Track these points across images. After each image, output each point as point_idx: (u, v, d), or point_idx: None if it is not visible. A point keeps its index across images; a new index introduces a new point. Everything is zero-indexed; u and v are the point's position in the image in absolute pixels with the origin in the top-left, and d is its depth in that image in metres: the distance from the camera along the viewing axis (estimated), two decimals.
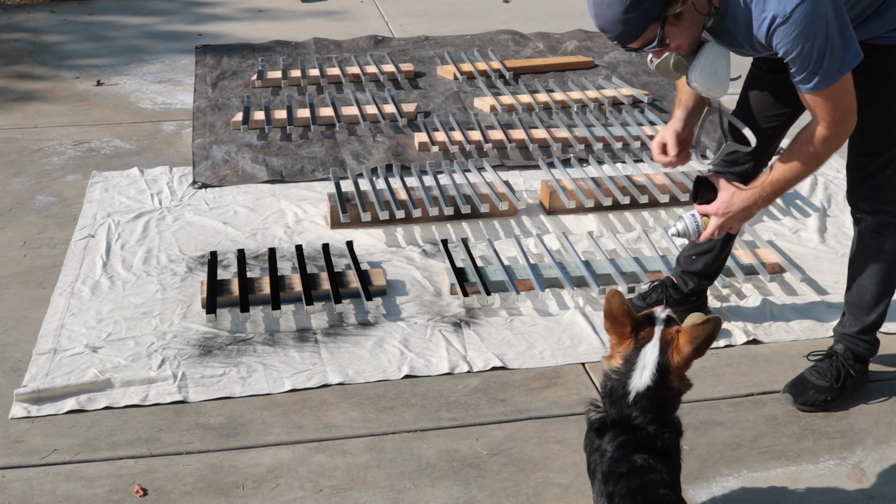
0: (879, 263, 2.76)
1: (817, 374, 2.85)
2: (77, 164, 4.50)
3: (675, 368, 2.06)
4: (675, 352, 2.06)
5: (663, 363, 2.05)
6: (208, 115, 5.07)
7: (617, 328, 2.10)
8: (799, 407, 2.82)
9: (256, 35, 6.55)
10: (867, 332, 2.86)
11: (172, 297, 3.39)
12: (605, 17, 2.35)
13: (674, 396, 2.09)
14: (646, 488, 1.95)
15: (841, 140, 2.49)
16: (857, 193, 2.72)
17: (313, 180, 4.35)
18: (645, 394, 2.04)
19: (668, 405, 2.07)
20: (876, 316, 2.83)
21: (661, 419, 2.05)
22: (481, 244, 3.78)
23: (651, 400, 2.04)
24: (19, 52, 6.18)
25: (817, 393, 2.82)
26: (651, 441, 2.03)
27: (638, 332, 2.09)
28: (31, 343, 3.12)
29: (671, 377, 2.06)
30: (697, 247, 3.10)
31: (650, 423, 2.03)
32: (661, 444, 2.03)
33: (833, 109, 2.43)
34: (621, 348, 2.10)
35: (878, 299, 2.81)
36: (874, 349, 2.89)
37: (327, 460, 2.63)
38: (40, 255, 3.69)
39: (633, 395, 2.05)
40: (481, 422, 2.79)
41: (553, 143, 4.62)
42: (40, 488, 2.52)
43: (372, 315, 3.30)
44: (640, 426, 2.04)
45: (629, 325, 2.09)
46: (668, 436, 2.05)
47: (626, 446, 2.02)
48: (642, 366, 2.06)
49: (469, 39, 6.43)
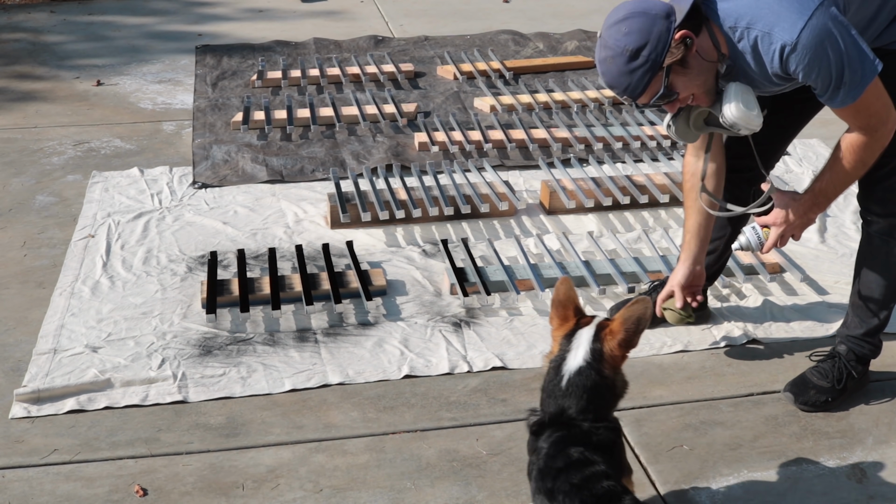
0: (888, 266, 2.76)
1: (819, 374, 2.85)
2: (77, 164, 4.50)
3: (609, 352, 2.07)
4: (608, 334, 2.08)
5: (597, 346, 2.08)
6: (208, 115, 5.07)
7: (560, 312, 2.15)
8: (800, 406, 2.82)
9: (256, 35, 6.55)
10: (872, 335, 2.86)
11: (172, 297, 3.39)
12: (610, 73, 2.40)
13: (608, 387, 2.09)
14: (589, 482, 1.95)
15: (884, 141, 2.49)
16: (869, 196, 2.72)
17: (313, 180, 4.35)
18: (577, 379, 2.06)
19: (601, 395, 2.08)
20: (882, 318, 2.84)
21: (596, 412, 2.06)
22: (481, 244, 3.78)
23: (584, 387, 2.05)
24: (19, 52, 6.18)
25: (818, 393, 2.82)
26: (586, 436, 2.04)
27: (579, 318, 2.15)
28: (31, 343, 3.12)
29: (605, 363, 2.07)
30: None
31: (584, 414, 2.05)
32: (597, 438, 2.04)
33: (867, 118, 2.44)
34: (560, 332, 2.14)
35: (885, 302, 2.81)
36: (877, 350, 2.89)
37: (327, 460, 2.63)
38: (40, 255, 3.69)
39: (566, 378, 2.07)
40: (481, 422, 2.79)
41: (553, 143, 4.62)
42: (40, 488, 2.52)
43: (372, 315, 3.30)
44: (574, 420, 2.05)
45: (572, 311, 2.15)
46: (603, 431, 2.05)
47: (560, 442, 2.04)
48: (577, 346, 2.09)
49: (469, 39, 6.43)
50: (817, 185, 2.60)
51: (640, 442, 2.70)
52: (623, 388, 2.14)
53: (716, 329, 3.21)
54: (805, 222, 2.67)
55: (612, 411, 2.13)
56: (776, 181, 4.16)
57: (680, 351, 3.12)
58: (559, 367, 2.09)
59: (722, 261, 3.14)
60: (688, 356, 3.10)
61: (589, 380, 2.07)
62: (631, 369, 3.00)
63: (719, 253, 3.09)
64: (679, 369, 3.03)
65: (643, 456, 2.65)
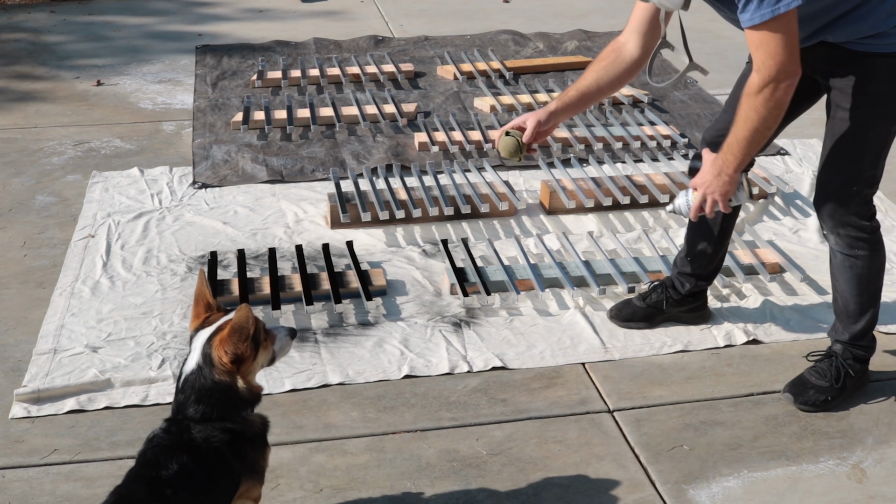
0: (856, 277, 2.76)
1: (817, 374, 2.85)
2: (77, 164, 4.50)
3: (216, 356, 2.03)
4: (218, 340, 2.03)
5: (207, 350, 2.04)
6: (208, 115, 5.07)
7: (194, 308, 2.13)
8: (799, 407, 2.82)
9: (256, 35, 6.55)
10: (859, 338, 2.86)
11: (172, 297, 3.39)
12: None
13: (225, 391, 2.04)
14: (133, 480, 1.95)
15: (777, 101, 2.43)
16: (823, 209, 2.71)
17: (313, 180, 4.35)
18: (191, 379, 2.04)
19: (216, 398, 2.04)
20: (864, 323, 2.83)
21: (212, 414, 2.03)
22: (481, 244, 3.78)
23: (197, 388, 2.03)
24: (19, 52, 6.18)
25: (817, 393, 2.82)
26: (186, 436, 2.01)
27: (209, 316, 2.11)
28: (31, 343, 3.12)
29: (214, 367, 2.03)
30: (691, 248, 3.10)
31: (198, 415, 2.02)
32: (204, 440, 2.00)
33: (766, 55, 2.39)
34: (192, 329, 2.11)
35: (862, 308, 2.81)
36: (871, 349, 2.89)
37: (327, 460, 2.63)
38: (40, 255, 3.69)
39: (183, 378, 2.05)
40: (481, 422, 2.79)
41: (553, 143, 4.62)
42: (40, 488, 2.52)
43: (372, 315, 3.30)
44: (186, 420, 2.03)
45: (203, 307, 2.12)
46: (217, 433, 2.02)
47: (151, 440, 2.04)
48: (194, 347, 2.06)
49: (469, 39, 6.43)
50: (727, 139, 2.57)
51: (640, 442, 2.70)
52: (251, 394, 2.08)
53: (716, 329, 3.21)
54: (720, 184, 2.60)
55: (238, 413, 2.07)
56: (777, 182, 4.16)
57: (680, 351, 3.12)
58: (182, 366, 2.07)
59: (717, 261, 3.13)
60: (688, 356, 3.10)
61: (200, 382, 2.03)
62: (631, 369, 3.02)
63: (711, 254, 3.09)
64: (679, 369, 3.03)
65: (643, 456, 2.65)
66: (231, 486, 2.05)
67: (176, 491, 1.93)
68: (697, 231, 3.06)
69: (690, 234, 3.10)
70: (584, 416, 2.81)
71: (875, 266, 2.76)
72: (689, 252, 3.12)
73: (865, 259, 2.73)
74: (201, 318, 2.11)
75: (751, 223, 3.95)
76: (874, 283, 2.79)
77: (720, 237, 3.05)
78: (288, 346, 2.19)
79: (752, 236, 3.79)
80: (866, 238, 2.71)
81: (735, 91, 2.82)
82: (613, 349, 3.12)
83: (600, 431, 2.74)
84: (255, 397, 2.10)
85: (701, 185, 2.65)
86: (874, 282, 2.79)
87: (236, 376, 2.04)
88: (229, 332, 2.01)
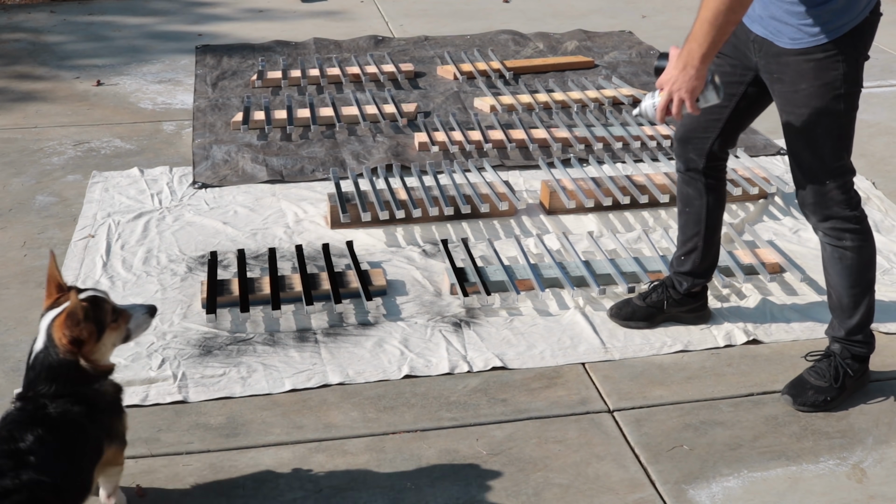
0: (848, 269, 2.76)
1: (816, 374, 2.85)
2: (77, 164, 4.50)
3: (56, 338, 2.11)
4: (56, 322, 2.12)
5: (49, 331, 2.13)
6: (208, 115, 5.07)
7: (48, 288, 2.21)
8: (798, 408, 2.82)
9: (256, 35, 6.55)
10: (855, 333, 2.85)
11: (172, 297, 3.39)
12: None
13: (70, 368, 2.12)
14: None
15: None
16: (805, 206, 2.73)
17: (313, 180, 4.35)
18: (39, 357, 2.12)
19: (63, 375, 2.12)
20: (859, 317, 2.83)
21: (63, 389, 2.11)
22: (481, 244, 3.78)
23: (44, 365, 2.11)
24: (19, 52, 6.18)
25: (816, 393, 2.82)
26: (40, 411, 2.08)
27: (59, 297, 2.19)
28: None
29: (58, 347, 2.11)
30: (684, 246, 3.10)
31: (48, 391, 2.09)
32: (59, 417, 2.07)
33: None
34: (43, 309, 2.19)
35: (857, 301, 2.81)
36: (870, 347, 2.89)
37: (327, 460, 2.63)
38: (40, 255, 3.69)
39: (33, 356, 2.13)
40: (481, 422, 2.79)
41: (553, 143, 4.62)
42: None
43: (372, 315, 3.30)
44: (37, 397, 2.10)
45: (54, 287, 2.20)
46: (67, 405, 2.10)
47: (6, 417, 2.09)
48: (41, 329, 2.15)
49: (469, 39, 6.43)
50: (692, 28, 2.47)
51: (640, 442, 2.70)
52: (96, 371, 2.17)
53: (716, 329, 3.21)
54: (687, 79, 2.47)
55: (90, 387, 2.16)
56: (777, 182, 4.16)
57: (680, 351, 3.12)
58: (33, 344, 2.15)
59: (710, 256, 3.12)
60: (688, 356, 3.10)
61: (48, 361, 2.12)
62: (631, 369, 3.02)
63: (702, 250, 3.09)
64: (679, 369, 3.03)
65: (643, 456, 2.65)
66: (93, 450, 2.14)
67: (38, 457, 2.00)
68: (686, 227, 3.07)
69: (680, 231, 3.11)
70: (584, 416, 2.81)
71: (865, 256, 2.76)
72: (681, 250, 3.12)
73: (854, 250, 2.74)
74: (52, 298, 2.20)
75: (751, 223, 3.95)
76: (866, 275, 2.79)
77: (709, 231, 3.05)
78: (146, 323, 2.29)
79: (752, 236, 3.79)
80: (853, 228, 2.72)
81: None
82: (613, 349, 3.12)
83: (600, 431, 2.74)
84: (103, 373, 2.19)
85: (666, 82, 2.51)
86: (865, 273, 2.78)
87: (78, 356, 2.13)
88: (64, 317, 2.10)
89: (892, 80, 5.78)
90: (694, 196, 3.01)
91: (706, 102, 2.55)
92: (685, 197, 3.03)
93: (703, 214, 3.02)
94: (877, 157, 4.65)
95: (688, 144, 2.93)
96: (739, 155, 4.47)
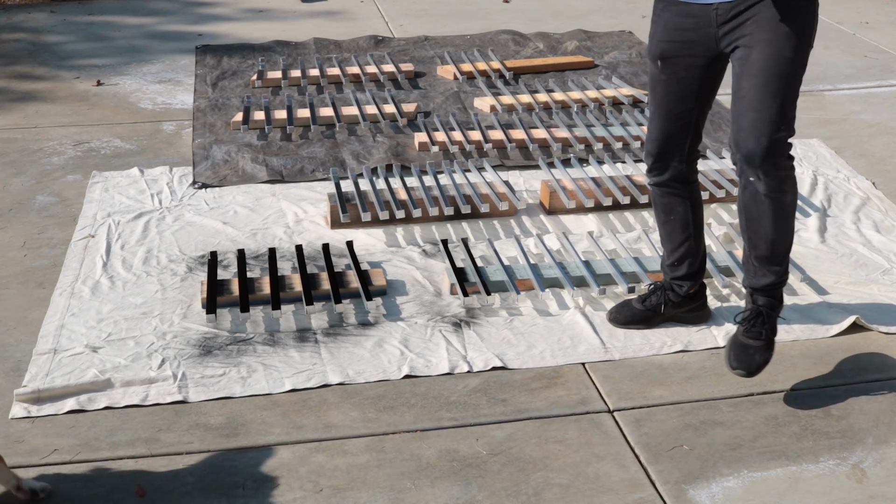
0: (785, 216, 2.78)
1: (753, 335, 2.86)
2: (77, 164, 4.50)
3: None
4: None
5: None
6: (208, 115, 5.07)
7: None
8: (754, 374, 2.83)
9: (256, 35, 6.56)
10: (783, 274, 2.88)
11: (172, 297, 3.39)
12: None
13: None
14: None
15: None
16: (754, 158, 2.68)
17: (313, 180, 4.35)
18: None
19: None
20: (786, 259, 2.87)
21: None
22: (481, 244, 3.78)
23: None
24: (19, 52, 6.18)
25: (761, 354, 2.84)
26: None
27: None
28: (31, 343, 3.12)
29: None
30: (675, 253, 3.11)
31: None
32: None
33: None
34: None
35: (787, 245, 2.84)
36: (786, 276, 2.91)
37: (327, 460, 2.63)
38: (40, 255, 3.69)
39: None
40: (481, 422, 2.79)
41: (553, 143, 4.62)
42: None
43: (372, 315, 3.30)
44: None
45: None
46: None
47: None
48: None
49: (469, 39, 6.43)
50: None
51: (640, 442, 2.70)
52: None
53: (716, 329, 3.21)
54: None
55: None
56: None
57: (680, 351, 3.12)
58: None
59: (702, 256, 3.13)
60: (688, 356, 3.10)
61: None
62: (631, 369, 3.02)
63: (694, 252, 3.10)
64: (679, 369, 3.03)
65: (643, 456, 2.65)
66: None
67: None
68: (673, 235, 3.08)
69: (666, 240, 3.11)
70: (584, 416, 2.81)
71: (795, 202, 2.81)
72: (672, 258, 3.12)
73: (790, 197, 2.77)
74: None
75: None
76: (793, 219, 2.83)
77: (697, 232, 3.07)
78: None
79: None
80: (790, 177, 2.75)
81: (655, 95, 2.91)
82: (613, 349, 3.12)
83: (600, 431, 2.74)
84: None
85: None
86: (793, 217, 2.82)
87: None
88: None
89: (892, 80, 5.78)
90: (676, 203, 3.03)
91: None
92: (666, 206, 3.05)
93: (690, 218, 3.03)
94: (877, 157, 4.65)
95: (667, 156, 2.96)
96: None
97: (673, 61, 2.82)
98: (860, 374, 2.99)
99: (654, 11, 2.88)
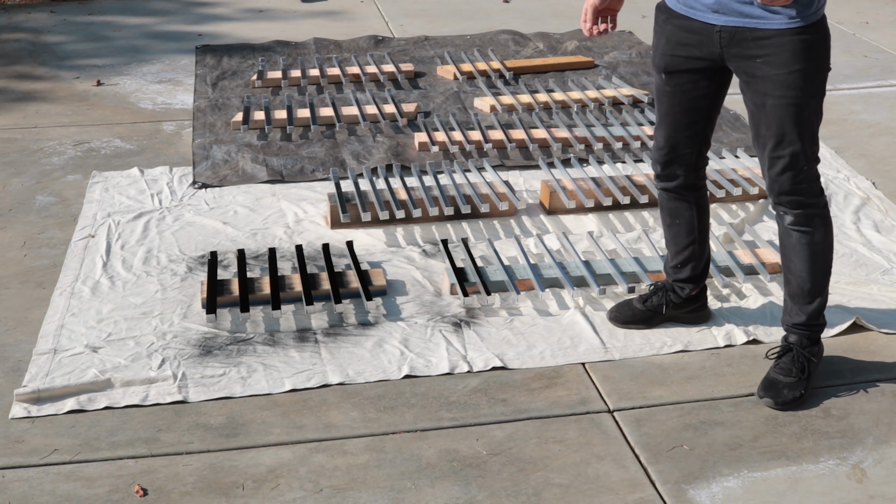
0: (813, 255, 2.78)
1: (783, 371, 2.86)
2: (77, 164, 4.50)
3: None
4: None
5: None
6: (208, 115, 5.07)
7: None
8: (780, 408, 2.82)
9: (256, 35, 6.56)
10: (816, 317, 2.88)
11: (172, 297, 3.39)
12: None
13: None
14: None
15: None
16: (782, 194, 2.73)
17: (313, 180, 4.35)
18: None
19: None
20: (821, 299, 2.86)
21: None
22: (481, 244, 3.78)
23: None
24: (19, 52, 6.18)
25: (791, 390, 2.83)
26: None
27: None
28: (31, 343, 3.12)
29: None
30: (679, 256, 3.10)
31: None
32: None
33: None
34: None
35: (820, 285, 2.84)
36: (824, 326, 2.91)
37: (327, 460, 2.63)
38: (40, 255, 3.69)
39: None
40: (481, 422, 2.79)
41: (553, 143, 4.62)
42: (40, 488, 2.52)
43: (372, 315, 3.30)
44: None
45: None
46: None
47: None
48: None
49: (469, 39, 6.43)
50: None
51: (640, 442, 2.70)
52: None
53: (716, 329, 3.21)
54: None
55: None
56: None
57: (680, 351, 3.12)
58: None
59: (706, 259, 3.13)
60: (688, 356, 3.10)
61: None
62: (631, 369, 3.01)
63: (698, 256, 3.10)
64: (679, 369, 3.03)
65: (643, 456, 2.65)
66: None
67: None
68: (678, 238, 3.08)
69: (671, 243, 3.11)
70: (584, 416, 2.81)
71: (829, 241, 2.80)
72: (676, 260, 3.12)
73: (821, 235, 2.77)
74: None
75: (751, 223, 3.95)
76: (829, 259, 2.82)
77: (702, 236, 3.07)
78: None
79: (752, 236, 3.79)
80: (820, 214, 2.75)
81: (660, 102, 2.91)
82: (613, 349, 3.12)
83: (600, 431, 2.74)
84: None
85: None
86: (828, 257, 2.82)
87: None
88: None
89: (892, 80, 5.78)
90: (683, 208, 3.03)
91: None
92: (672, 210, 3.05)
93: (695, 223, 3.03)
94: (877, 157, 4.65)
95: (673, 165, 2.96)
96: (739, 155, 4.47)
97: (677, 75, 2.81)
98: (860, 374, 2.99)
99: (655, 21, 2.87)
